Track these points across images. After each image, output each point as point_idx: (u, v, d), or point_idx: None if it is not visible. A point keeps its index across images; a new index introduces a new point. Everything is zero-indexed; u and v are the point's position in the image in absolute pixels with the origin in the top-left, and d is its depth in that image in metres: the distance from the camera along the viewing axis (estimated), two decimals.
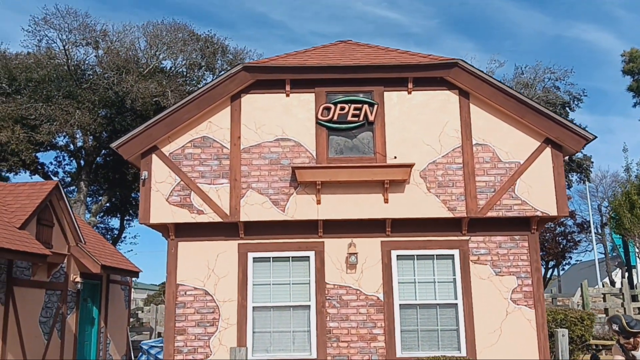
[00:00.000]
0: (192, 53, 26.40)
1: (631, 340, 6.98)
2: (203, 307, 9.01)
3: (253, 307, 9.01)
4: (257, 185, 9.12)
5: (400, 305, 8.99)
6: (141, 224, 9.11)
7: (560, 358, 8.64)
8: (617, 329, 6.98)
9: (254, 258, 9.17)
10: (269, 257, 9.19)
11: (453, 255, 9.15)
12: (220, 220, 9.02)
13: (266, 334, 8.99)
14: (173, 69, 27.05)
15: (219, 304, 9.00)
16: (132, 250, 30.84)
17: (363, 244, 9.12)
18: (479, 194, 9.03)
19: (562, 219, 22.72)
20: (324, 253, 9.11)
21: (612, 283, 30.94)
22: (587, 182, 31.12)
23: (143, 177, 9.08)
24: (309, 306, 9.01)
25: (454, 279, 9.09)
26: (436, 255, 9.18)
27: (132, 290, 19.83)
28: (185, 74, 27.21)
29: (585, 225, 45.84)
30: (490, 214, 8.98)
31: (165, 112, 9.14)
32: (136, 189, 29.87)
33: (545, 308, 9.15)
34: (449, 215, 8.99)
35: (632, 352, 7.05)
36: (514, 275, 9.07)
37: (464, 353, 8.79)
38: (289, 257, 9.18)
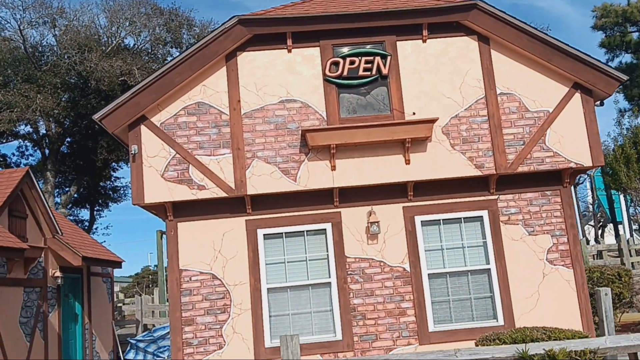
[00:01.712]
0: (156, 28, 24.91)
1: None
2: (212, 293, 8.07)
3: (268, 289, 8.11)
4: (264, 154, 8.15)
5: (428, 275, 8.21)
6: (134, 205, 8.06)
7: (604, 319, 8.01)
8: None
9: (264, 235, 8.24)
10: (281, 233, 8.27)
11: (482, 216, 8.39)
12: (224, 195, 8.04)
13: (284, 317, 8.11)
14: (137, 45, 25.52)
15: (229, 289, 8.07)
16: (104, 241, 29.35)
17: (384, 212, 8.28)
18: (508, 148, 8.26)
19: None
20: (341, 224, 8.24)
21: (587, 242, 30.97)
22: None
23: (133, 152, 8.01)
24: (329, 283, 8.15)
25: (485, 243, 8.34)
26: (464, 218, 8.40)
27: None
28: (150, 50, 25.72)
29: None
30: (520, 169, 8.23)
31: (153, 77, 8.04)
32: (106, 176, 28.44)
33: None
34: (477, 173, 8.20)
35: None
36: (548, 234, 8.37)
37: (501, 322, 8.08)
38: (303, 232, 8.29)
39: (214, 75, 8.27)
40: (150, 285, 38.24)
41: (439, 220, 8.39)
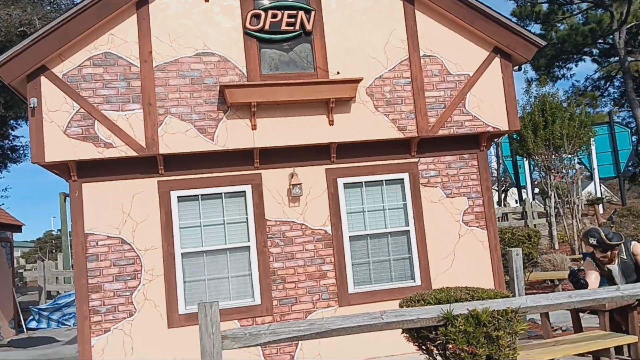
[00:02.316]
0: None
1: (608, 253, 6.64)
2: (121, 259, 7.58)
3: (182, 254, 7.72)
4: (178, 110, 7.65)
5: (350, 237, 8.13)
6: (34, 163, 7.35)
7: (515, 278, 8.28)
8: (595, 242, 6.58)
9: (178, 197, 7.80)
10: (197, 195, 7.86)
11: (403, 179, 8.38)
12: (134, 154, 7.50)
13: (200, 282, 7.78)
14: None
15: (140, 254, 7.61)
16: (3, 204, 27.39)
17: (306, 174, 8.06)
18: (429, 111, 8.23)
19: None
20: (262, 186, 7.95)
21: None
22: None
23: (32, 106, 7.26)
24: (249, 247, 7.88)
25: (405, 205, 8.35)
26: (385, 180, 8.35)
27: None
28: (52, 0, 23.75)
29: None
30: (441, 132, 8.24)
31: (55, 23, 7.27)
32: (4, 135, 26.36)
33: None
34: (399, 135, 8.13)
35: (608, 266, 6.72)
36: (464, 197, 8.50)
37: (418, 282, 8.18)
38: (221, 194, 7.92)
39: (124, 24, 7.60)
40: (54, 251, 36.39)
41: (361, 182, 8.29)
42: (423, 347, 4.65)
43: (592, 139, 20.11)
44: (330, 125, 7.90)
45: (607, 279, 6.91)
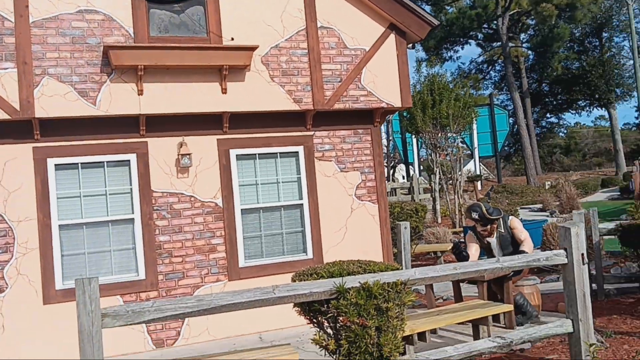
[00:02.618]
0: None
1: (488, 227, 6.98)
2: None
3: (60, 226, 7.17)
4: (57, 71, 7.01)
5: (241, 210, 7.95)
6: None
7: (402, 250, 8.56)
8: (476, 217, 6.89)
9: (56, 165, 7.21)
10: (77, 164, 7.31)
11: (297, 152, 8.30)
12: (6, 117, 6.80)
13: (79, 256, 7.28)
14: None
15: (12, 225, 6.97)
16: None
17: (197, 143, 7.74)
18: (326, 84, 8.17)
19: None
20: (148, 155, 7.54)
21: None
22: None
23: None
24: (133, 219, 7.47)
25: (299, 178, 8.29)
26: (280, 153, 8.22)
27: None
28: None
29: None
30: (337, 106, 8.23)
31: None
32: None
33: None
34: (295, 107, 8.01)
35: (487, 238, 7.08)
36: (358, 171, 8.59)
37: (310, 255, 8.19)
38: (103, 163, 7.41)
39: None
40: None
41: (255, 154, 8.11)
42: (314, 320, 4.62)
43: (474, 120, 21.19)
44: (223, 93, 7.61)
45: (486, 251, 7.29)
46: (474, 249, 7.09)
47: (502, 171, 34.36)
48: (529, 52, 40.24)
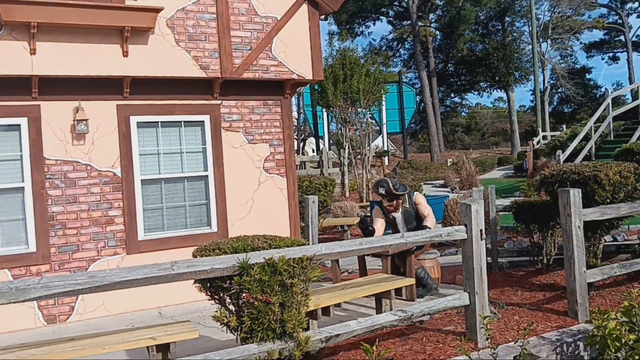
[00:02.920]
0: None
1: (394, 202, 7.08)
2: None
3: None
4: None
5: (142, 180, 7.58)
6: None
7: (310, 224, 8.55)
8: (383, 192, 6.97)
9: None
10: None
11: (203, 121, 7.99)
12: None
13: None
14: None
15: None
16: None
17: (94, 109, 7.25)
18: (235, 52, 7.89)
19: None
20: (41, 120, 6.97)
21: None
22: None
23: None
24: (23, 188, 6.92)
25: (204, 149, 8.01)
26: (184, 121, 7.89)
27: None
28: None
29: None
30: (246, 74, 7.98)
31: None
32: None
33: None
34: (201, 74, 7.68)
35: (393, 213, 7.19)
36: (266, 143, 8.43)
37: (214, 229, 7.98)
38: None
39: None
40: None
41: (158, 122, 7.73)
42: (216, 296, 4.48)
43: (383, 96, 21.52)
44: (124, 56, 7.15)
45: (391, 226, 7.42)
46: (379, 224, 7.18)
47: (408, 148, 35.38)
48: (437, 32, 41.38)
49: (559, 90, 47.14)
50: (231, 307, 4.41)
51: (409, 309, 4.90)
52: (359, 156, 19.54)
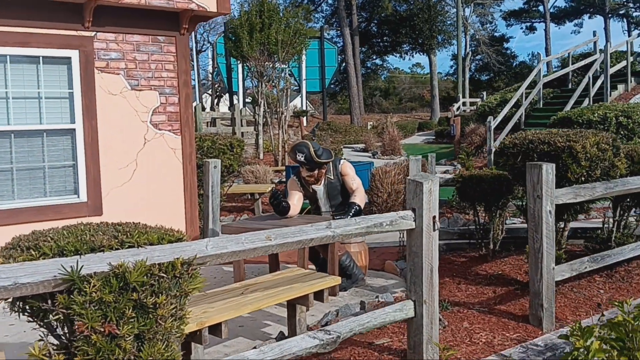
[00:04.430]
0: None
1: (315, 172, 5.60)
2: None
3: None
4: None
5: None
6: None
7: (210, 194, 6.92)
8: (302, 159, 5.46)
9: None
10: None
11: (70, 58, 6.09)
12: None
13: None
14: None
15: None
16: None
17: None
18: None
19: None
20: None
21: (204, 109, 31.39)
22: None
23: None
24: None
25: (71, 94, 6.13)
26: (43, 57, 5.95)
27: None
28: None
29: None
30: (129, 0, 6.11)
31: None
32: None
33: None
34: None
35: (314, 186, 5.71)
36: (156, 91, 6.65)
37: (83, 198, 6.19)
38: None
39: None
40: None
41: (6, 56, 5.76)
42: (37, 319, 2.83)
43: (304, 50, 19.82)
44: None
45: (310, 201, 5.95)
46: (295, 199, 5.69)
47: (327, 109, 33.99)
48: None
49: (477, 57, 47.20)
50: (64, 339, 2.79)
51: (334, 328, 3.45)
52: (276, 115, 17.87)
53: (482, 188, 5.90)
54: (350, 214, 5.45)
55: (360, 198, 5.60)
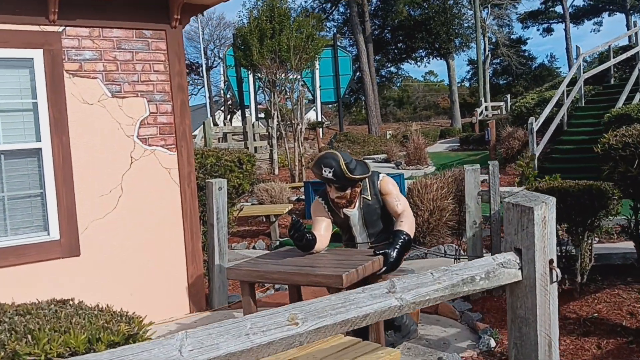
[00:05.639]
0: None
1: (347, 192, 4.24)
2: None
3: None
4: None
5: None
6: None
7: (215, 222, 5.63)
8: (330, 175, 4.10)
9: None
10: None
11: (32, 59, 4.84)
12: None
13: None
14: None
15: None
16: None
17: None
18: None
19: None
20: None
21: (216, 124, 30.29)
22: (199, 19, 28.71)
23: None
24: None
25: (35, 105, 4.87)
26: (0, 59, 4.73)
27: None
28: None
29: (194, 67, 44.66)
30: None
31: None
32: None
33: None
34: None
35: (346, 210, 4.35)
36: (143, 98, 5.37)
37: (54, 235, 4.91)
38: None
39: None
40: None
41: None
42: None
43: (317, 57, 18.54)
44: None
45: (341, 228, 4.60)
46: (322, 228, 4.34)
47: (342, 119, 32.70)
48: None
49: (495, 61, 45.73)
50: None
51: None
52: (290, 127, 16.60)
53: (566, 204, 4.51)
54: (397, 246, 4.08)
55: (409, 224, 4.22)
